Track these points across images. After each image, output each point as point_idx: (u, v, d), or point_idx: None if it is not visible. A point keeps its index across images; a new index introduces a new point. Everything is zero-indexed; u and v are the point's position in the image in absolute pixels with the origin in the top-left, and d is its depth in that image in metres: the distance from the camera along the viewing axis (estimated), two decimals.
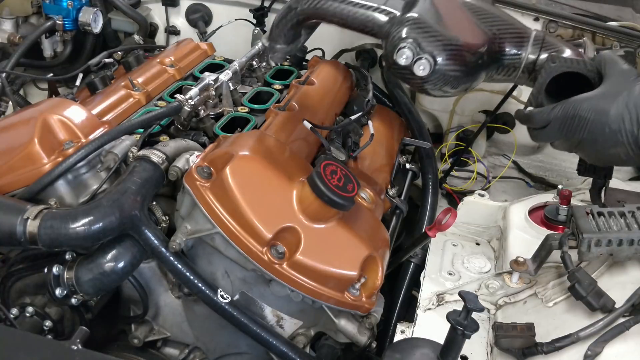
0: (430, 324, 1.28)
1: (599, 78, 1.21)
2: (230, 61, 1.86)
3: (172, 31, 2.36)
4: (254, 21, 2.20)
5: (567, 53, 1.30)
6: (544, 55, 1.29)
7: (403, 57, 1.18)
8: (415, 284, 1.56)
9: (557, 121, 1.19)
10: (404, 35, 1.19)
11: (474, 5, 1.34)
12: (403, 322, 1.33)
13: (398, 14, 1.25)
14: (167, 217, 1.33)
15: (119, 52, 1.96)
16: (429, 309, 1.33)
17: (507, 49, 1.30)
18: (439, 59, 1.18)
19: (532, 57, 1.30)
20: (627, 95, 1.12)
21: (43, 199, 1.26)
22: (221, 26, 2.19)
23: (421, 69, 1.18)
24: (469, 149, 2.01)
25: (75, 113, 1.38)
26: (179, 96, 1.48)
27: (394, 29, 1.21)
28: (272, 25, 1.39)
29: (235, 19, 2.20)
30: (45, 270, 1.23)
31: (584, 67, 1.25)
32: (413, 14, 1.23)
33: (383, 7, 1.27)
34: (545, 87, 1.26)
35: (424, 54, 1.18)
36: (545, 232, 1.39)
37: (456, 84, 1.26)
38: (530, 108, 1.27)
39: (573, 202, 1.48)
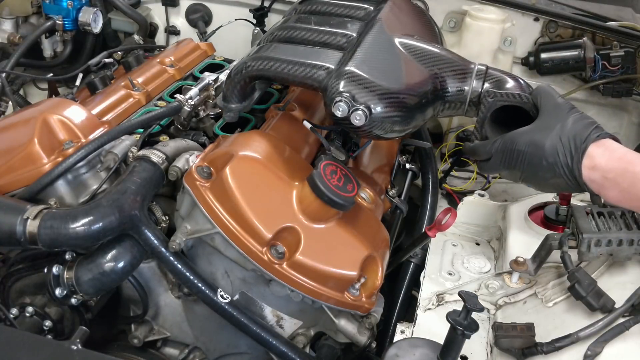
0: (430, 324, 1.28)
1: (537, 110, 1.24)
2: (230, 61, 1.86)
3: (172, 31, 2.35)
4: (254, 21, 2.20)
5: (510, 84, 1.33)
6: (487, 86, 1.33)
7: (339, 110, 1.23)
8: (415, 284, 1.56)
9: (498, 155, 1.23)
10: (340, 89, 1.25)
11: (413, 46, 1.38)
12: (403, 322, 1.33)
13: (334, 67, 1.30)
14: (167, 217, 1.33)
15: (119, 52, 1.96)
16: (429, 309, 1.33)
17: (450, 86, 1.34)
18: (374, 109, 1.24)
19: (476, 90, 1.33)
20: (560, 128, 1.15)
21: (43, 199, 1.26)
22: (221, 26, 2.19)
23: (357, 120, 1.23)
24: None
25: (75, 113, 1.38)
26: (178, 96, 1.48)
27: (331, 83, 1.27)
28: (223, 87, 1.46)
29: (235, 19, 2.20)
30: (45, 270, 1.22)
31: (520, 100, 1.28)
32: (349, 68, 1.28)
33: (320, 63, 1.32)
34: (493, 117, 1.30)
35: (359, 105, 1.23)
36: (545, 232, 1.39)
37: (404, 125, 1.31)
38: (476, 141, 1.32)
39: (573, 202, 1.48)
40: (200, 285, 1.23)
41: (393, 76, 1.30)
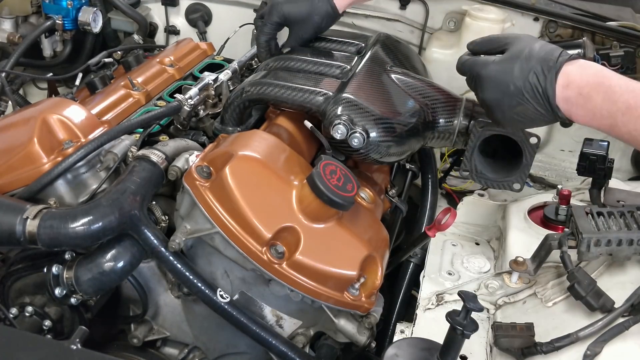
0: (429, 324, 1.28)
1: (525, 138, 1.32)
2: (230, 61, 1.86)
3: (171, 31, 2.35)
4: None
5: None
6: (474, 121, 1.41)
7: (338, 132, 1.31)
8: (415, 284, 1.56)
9: (465, 71, 1.25)
10: (338, 113, 1.33)
11: (405, 79, 1.48)
12: (403, 322, 1.33)
13: (332, 94, 1.38)
14: (167, 217, 1.33)
15: (119, 52, 1.96)
16: (429, 308, 1.33)
17: (440, 117, 1.44)
18: (371, 132, 1.32)
19: (464, 123, 1.42)
20: (529, 52, 1.16)
21: (42, 199, 1.26)
22: (228, 39, 2.10)
23: (355, 142, 1.31)
24: None
25: (75, 113, 1.38)
26: (178, 96, 1.48)
27: (330, 108, 1.34)
28: (222, 110, 1.53)
29: (240, 26, 2.13)
30: (45, 269, 1.22)
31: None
32: (346, 95, 1.36)
33: (319, 89, 1.40)
34: (480, 148, 1.39)
35: (357, 128, 1.31)
36: (544, 232, 1.39)
37: (398, 150, 1.40)
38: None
39: (573, 202, 1.48)
40: (199, 285, 1.23)
41: (386, 104, 1.39)
